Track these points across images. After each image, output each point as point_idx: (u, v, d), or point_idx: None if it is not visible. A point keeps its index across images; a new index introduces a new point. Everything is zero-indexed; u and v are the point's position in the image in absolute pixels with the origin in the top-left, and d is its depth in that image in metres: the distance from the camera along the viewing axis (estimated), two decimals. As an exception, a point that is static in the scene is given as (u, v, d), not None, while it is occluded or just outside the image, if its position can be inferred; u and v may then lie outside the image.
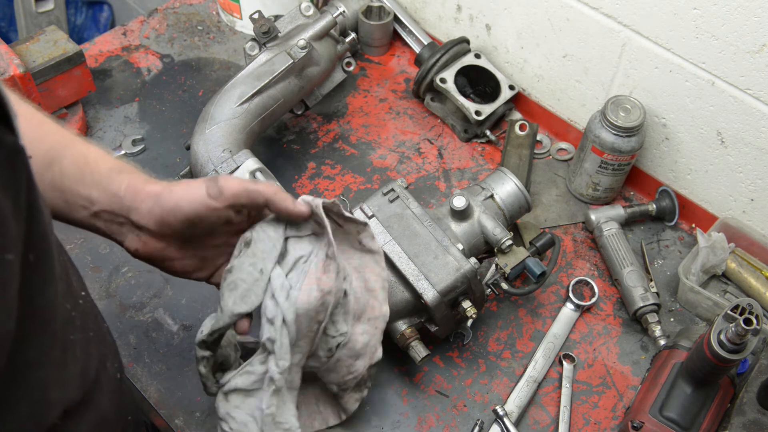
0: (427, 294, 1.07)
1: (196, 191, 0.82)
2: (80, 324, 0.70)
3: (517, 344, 1.25)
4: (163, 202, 0.82)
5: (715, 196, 1.37)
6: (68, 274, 0.71)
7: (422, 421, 1.16)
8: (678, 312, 1.31)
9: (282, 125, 1.55)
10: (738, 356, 0.99)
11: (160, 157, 1.47)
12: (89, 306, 0.76)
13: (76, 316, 0.69)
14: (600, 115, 1.34)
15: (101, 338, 0.77)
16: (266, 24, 1.35)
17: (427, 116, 1.59)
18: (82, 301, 0.72)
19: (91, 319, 0.75)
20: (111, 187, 0.83)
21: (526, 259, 1.17)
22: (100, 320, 0.80)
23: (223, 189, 0.82)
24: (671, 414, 1.08)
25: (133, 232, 0.85)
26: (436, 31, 1.69)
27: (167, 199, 0.82)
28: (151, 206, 0.82)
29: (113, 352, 0.81)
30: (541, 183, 1.49)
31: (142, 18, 1.75)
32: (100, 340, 0.76)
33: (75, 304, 0.70)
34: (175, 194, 0.82)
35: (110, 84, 1.60)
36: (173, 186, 0.84)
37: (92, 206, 0.83)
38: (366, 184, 1.46)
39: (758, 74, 1.17)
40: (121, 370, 0.82)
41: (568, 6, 1.37)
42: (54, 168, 0.81)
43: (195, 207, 0.82)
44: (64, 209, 0.83)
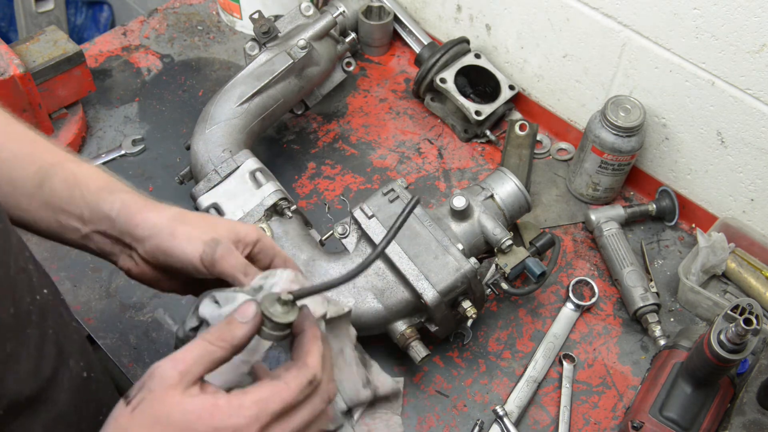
0: (427, 294, 1.07)
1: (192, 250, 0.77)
2: (37, 320, 0.70)
3: (517, 344, 1.25)
4: (160, 240, 0.79)
5: (715, 196, 1.37)
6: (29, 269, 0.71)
7: (422, 421, 1.16)
8: (678, 312, 1.31)
9: (282, 125, 1.55)
10: (738, 356, 0.99)
11: (160, 157, 1.47)
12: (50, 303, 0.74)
13: (33, 311, 0.69)
14: (600, 115, 1.34)
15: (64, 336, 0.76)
16: (266, 24, 1.35)
17: (427, 116, 1.59)
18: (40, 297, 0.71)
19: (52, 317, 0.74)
20: (102, 208, 0.80)
21: (526, 259, 1.17)
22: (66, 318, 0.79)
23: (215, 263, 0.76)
24: (671, 414, 1.08)
25: (125, 252, 0.83)
26: (436, 31, 1.69)
27: (164, 241, 0.78)
28: (147, 236, 0.79)
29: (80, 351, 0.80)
30: (541, 183, 1.49)
31: (142, 18, 1.75)
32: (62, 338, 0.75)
33: (33, 298, 0.69)
34: (173, 240, 0.78)
35: (110, 84, 1.60)
36: (175, 225, 0.79)
37: (84, 227, 0.81)
38: (366, 184, 1.46)
39: (758, 74, 1.17)
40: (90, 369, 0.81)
41: (568, 6, 1.37)
42: (45, 188, 0.79)
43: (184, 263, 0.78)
44: (57, 230, 0.81)
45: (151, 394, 0.64)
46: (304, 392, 0.67)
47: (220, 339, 0.66)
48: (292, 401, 0.66)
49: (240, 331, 0.67)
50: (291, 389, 0.66)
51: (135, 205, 0.80)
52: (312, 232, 1.24)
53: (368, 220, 1.13)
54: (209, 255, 0.76)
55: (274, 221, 1.18)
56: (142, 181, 1.43)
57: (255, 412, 0.64)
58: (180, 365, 0.65)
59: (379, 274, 1.12)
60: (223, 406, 0.64)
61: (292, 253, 1.15)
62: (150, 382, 0.65)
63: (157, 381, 0.65)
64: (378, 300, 1.11)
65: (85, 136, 1.49)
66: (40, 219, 0.80)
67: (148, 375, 0.66)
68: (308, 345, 0.70)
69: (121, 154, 1.47)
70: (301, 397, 0.67)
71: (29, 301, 0.68)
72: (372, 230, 1.12)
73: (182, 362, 0.65)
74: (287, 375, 0.67)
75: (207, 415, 0.63)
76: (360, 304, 1.11)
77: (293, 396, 0.66)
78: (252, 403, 0.64)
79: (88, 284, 1.27)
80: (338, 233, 1.16)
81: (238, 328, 0.67)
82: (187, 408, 0.64)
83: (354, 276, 0.70)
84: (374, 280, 1.12)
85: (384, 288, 1.11)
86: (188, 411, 0.63)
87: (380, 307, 1.11)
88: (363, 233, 1.14)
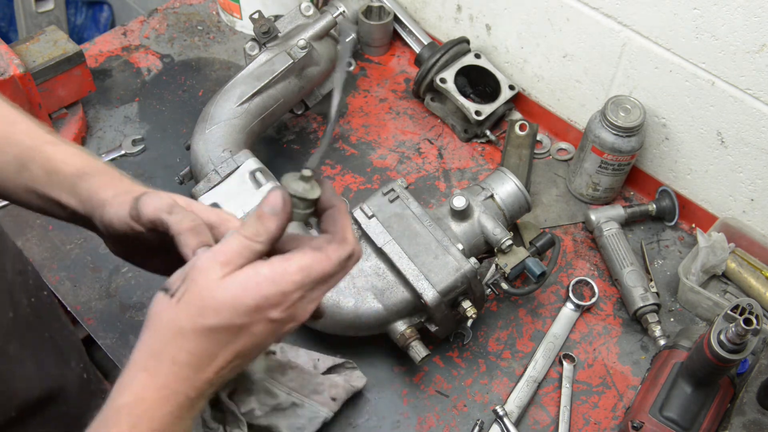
0: (427, 294, 1.07)
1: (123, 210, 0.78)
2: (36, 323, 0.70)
3: (517, 344, 1.25)
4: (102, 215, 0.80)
5: (715, 196, 1.37)
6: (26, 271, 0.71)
7: (422, 421, 1.16)
8: (678, 312, 1.31)
9: (282, 125, 1.55)
10: (738, 356, 0.99)
11: (160, 157, 1.47)
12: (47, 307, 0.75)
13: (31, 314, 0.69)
14: (600, 115, 1.34)
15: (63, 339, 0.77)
16: (266, 24, 1.35)
17: (427, 116, 1.59)
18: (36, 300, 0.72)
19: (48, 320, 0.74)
20: (76, 193, 0.81)
21: (526, 259, 1.17)
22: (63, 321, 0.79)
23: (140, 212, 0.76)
24: (671, 414, 1.08)
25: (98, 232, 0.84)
26: (436, 31, 1.69)
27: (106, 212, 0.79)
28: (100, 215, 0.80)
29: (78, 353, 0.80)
30: (541, 183, 1.49)
31: (142, 18, 1.75)
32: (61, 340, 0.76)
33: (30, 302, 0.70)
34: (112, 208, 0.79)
35: (110, 84, 1.60)
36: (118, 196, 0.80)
37: (65, 209, 0.82)
38: (366, 184, 1.46)
39: (758, 74, 1.17)
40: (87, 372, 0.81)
41: (568, 6, 1.37)
42: (24, 173, 0.81)
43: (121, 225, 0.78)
44: (44, 209, 0.83)
45: (195, 282, 0.65)
46: (342, 265, 0.70)
47: (256, 235, 0.67)
48: (332, 272, 0.69)
49: (273, 224, 0.68)
50: (332, 261, 0.68)
51: (97, 185, 0.81)
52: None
53: (368, 220, 1.13)
54: (134, 209, 0.76)
55: (274, 221, 1.18)
56: (142, 181, 1.40)
57: (300, 278, 0.66)
58: (221, 257, 0.66)
59: (379, 274, 1.12)
60: (268, 274, 0.65)
61: (292, 253, 1.15)
62: (192, 272, 0.66)
63: (199, 270, 0.66)
64: (378, 300, 1.11)
65: (85, 136, 1.49)
66: (25, 200, 0.82)
67: (190, 266, 0.67)
68: (342, 219, 0.71)
69: (121, 154, 1.47)
70: (338, 269, 0.70)
71: (27, 303, 0.69)
72: (372, 230, 1.12)
73: (223, 254, 0.66)
74: (329, 248, 0.69)
75: (253, 285, 0.65)
76: (360, 304, 1.11)
77: (333, 268, 0.69)
78: (296, 270, 0.66)
79: (88, 284, 1.27)
80: (338, 233, 1.16)
81: (271, 221, 0.68)
82: (231, 285, 0.65)
83: None
84: (374, 280, 1.12)
85: (384, 288, 1.11)
86: (234, 287, 0.65)
87: (380, 307, 1.11)
88: (363, 233, 1.14)
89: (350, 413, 1.16)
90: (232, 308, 0.64)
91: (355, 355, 1.21)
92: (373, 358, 1.22)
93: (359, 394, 1.17)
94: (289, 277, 0.66)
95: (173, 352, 0.64)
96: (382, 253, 1.11)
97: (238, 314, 0.64)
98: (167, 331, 0.64)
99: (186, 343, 0.64)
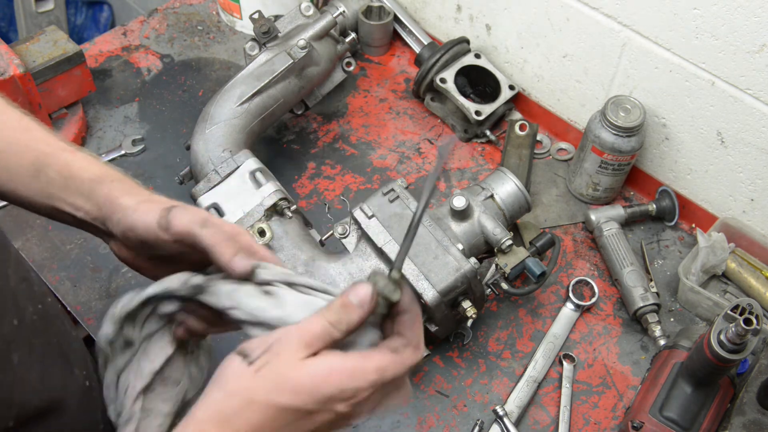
0: (427, 294, 1.07)
1: (150, 217, 0.79)
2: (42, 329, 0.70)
3: (517, 344, 1.25)
4: (125, 219, 0.80)
5: (715, 196, 1.37)
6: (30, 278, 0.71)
7: (422, 421, 1.16)
8: (678, 312, 1.31)
9: (282, 125, 1.55)
10: (738, 356, 0.99)
11: (160, 157, 1.47)
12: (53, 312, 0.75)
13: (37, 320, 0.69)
14: (600, 115, 1.34)
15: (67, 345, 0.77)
16: (266, 24, 1.35)
17: (427, 116, 1.59)
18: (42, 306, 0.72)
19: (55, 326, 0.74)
20: (93, 197, 0.82)
21: (526, 259, 1.17)
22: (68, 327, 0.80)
23: (170, 223, 0.77)
24: (671, 414, 1.08)
25: (112, 238, 0.85)
26: (436, 31, 1.69)
27: (129, 216, 0.80)
28: (119, 219, 0.81)
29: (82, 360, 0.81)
30: (541, 183, 1.49)
31: (142, 18, 1.75)
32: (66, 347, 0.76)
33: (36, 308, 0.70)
34: (135, 213, 0.80)
35: (110, 84, 1.60)
36: (141, 203, 0.81)
37: (77, 213, 0.83)
38: (366, 184, 1.46)
39: (758, 74, 1.17)
40: (90, 379, 0.81)
41: (568, 6, 1.37)
42: (41, 177, 0.82)
43: (146, 232, 0.79)
44: (56, 215, 0.84)
45: (278, 357, 0.66)
46: (411, 370, 0.71)
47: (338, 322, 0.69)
48: (403, 376, 0.71)
49: (356, 316, 0.69)
50: (405, 365, 0.70)
51: (118, 191, 0.82)
52: (312, 232, 1.24)
53: (368, 220, 1.13)
54: (164, 218, 0.77)
55: (274, 221, 1.18)
56: (142, 181, 1.41)
57: (375, 378, 0.67)
58: (306, 336, 0.67)
59: (379, 274, 1.12)
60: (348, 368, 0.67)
61: (292, 253, 1.15)
62: (277, 346, 0.66)
63: (285, 345, 0.66)
64: (378, 300, 1.11)
65: (85, 136, 1.49)
66: (37, 204, 0.83)
67: (275, 339, 0.67)
68: (418, 327, 0.73)
69: (121, 154, 1.47)
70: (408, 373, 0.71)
71: (32, 311, 0.69)
72: (372, 230, 1.12)
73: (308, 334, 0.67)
74: (405, 351, 0.71)
75: (334, 378, 0.66)
76: (360, 304, 1.11)
77: (404, 372, 0.70)
78: (374, 370, 0.67)
79: (88, 284, 1.27)
80: (338, 233, 1.16)
81: (355, 313, 0.69)
82: (313, 371, 0.66)
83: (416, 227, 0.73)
84: (374, 280, 1.12)
85: (384, 288, 1.11)
86: (314, 373, 0.66)
87: (380, 307, 1.11)
88: (363, 233, 1.14)
89: (350, 413, 1.16)
90: (309, 394, 0.65)
91: (355, 355, 1.21)
92: (373, 358, 1.22)
93: (359, 394, 1.17)
94: (367, 376, 0.67)
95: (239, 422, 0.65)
96: (382, 253, 1.11)
97: (312, 401, 0.66)
98: (240, 399, 0.65)
99: (253, 416, 0.64)
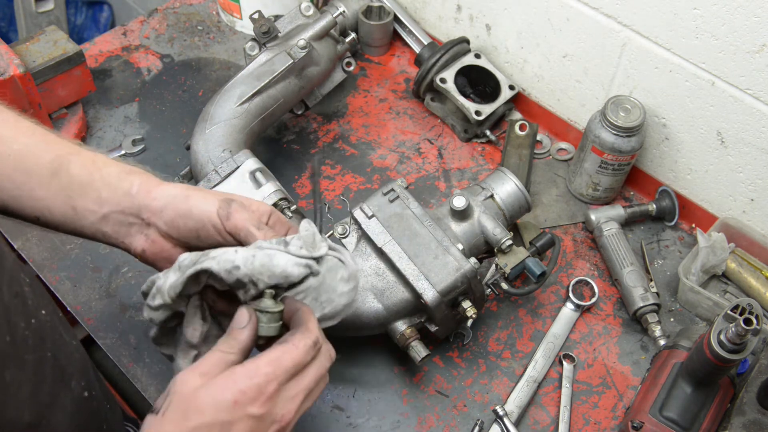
0: (427, 294, 1.07)
1: (209, 206, 0.81)
2: (34, 344, 0.70)
3: (517, 344, 1.25)
4: (177, 205, 0.82)
5: (715, 196, 1.37)
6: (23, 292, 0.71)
7: (422, 421, 1.16)
8: (678, 312, 1.31)
9: (282, 125, 1.55)
10: (738, 356, 0.99)
11: (160, 157, 1.47)
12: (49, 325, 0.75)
13: (29, 336, 0.69)
14: (600, 115, 1.34)
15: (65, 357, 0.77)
16: (266, 24, 1.35)
17: (427, 116, 1.59)
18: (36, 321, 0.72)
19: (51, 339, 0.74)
20: (122, 186, 0.83)
21: (526, 259, 1.17)
22: (66, 338, 0.79)
23: (230, 215, 0.80)
24: (671, 414, 1.08)
25: (142, 231, 0.85)
26: (436, 31, 1.69)
27: (181, 203, 0.82)
28: (164, 205, 0.82)
29: (81, 371, 0.81)
30: (541, 183, 1.49)
31: (142, 18, 1.75)
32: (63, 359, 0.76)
33: (29, 323, 0.70)
34: (190, 200, 0.82)
35: (110, 84, 1.60)
36: (190, 191, 0.83)
37: (101, 208, 0.83)
38: (366, 184, 1.46)
39: (758, 74, 1.17)
40: (90, 388, 0.81)
41: (568, 6, 1.37)
42: (61, 174, 0.82)
43: (203, 220, 0.81)
44: (72, 217, 0.83)
45: (176, 394, 0.69)
46: (310, 353, 0.74)
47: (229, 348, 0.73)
48: (302, 360, 0.73)
49: (243, 336, 0.74)
50: (299, 349, 0.73)
51: (152, 181, 0.85)
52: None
53: (368, 220, 1.13)
54: (225, 209, 0.81)
55: (274, 221, 1.18)
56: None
57: (271, 369, 0.71)
58: (199, 368, 0.71)
59: (379, 274, 1.12)
60: (241, 372, 0.70)
61: (292, 253, 1.15)
62: (174, 387, 0.70)
63: (180, 385, 0.70)
64: (378, 300, 1.11)
65: (85, 136, 1.49)
66: (54, 207, 0.83)
67: (171, 383, 0.71)
68: (305, 315, 0.76)
69: (121, 154, 1.47)
70: (308, 357, 0.74)
71: (24, 326, 0.69)
72: (372, 230, 1.12)
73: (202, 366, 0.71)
74: (293, 338, 0.74)
75: (231, 384, 0.69)
76: (360, 304, 1.11)
77: (301, 355, 0.73)
78: (266, 363, 0.71)
79: (88, 284, 1.27)
80: (338, 233, 1.16)
81: (240, 334, 0.74)
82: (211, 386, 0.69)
83: None
84: (374, 280, 1.12)
85: (384, 288, 1.11)
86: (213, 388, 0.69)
87: (380, 307, 1.11)
88: (363, 233, 1.14)
89: (350, 413, 1.16)
90: (213, 405, 0.68)
91: (355, 355, 1.21)
92: (373, 358, 1.22)
93: (359, 395, 1.17)
94: (261, 370, 0.70)
95: None
96: (382, 253, 1.11)
97: (219, 410, 0.68)
98: None
99: None
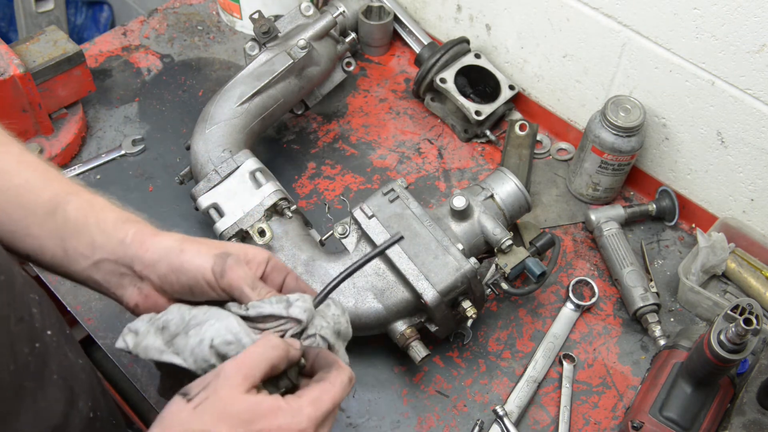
0: (427, 294, 1.07)
1: (203, 261, 0.78)
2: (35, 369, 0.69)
3: (517, 344, 1.25)
4: (170, 259, 0.79)
5: (715, 196, 1.37)
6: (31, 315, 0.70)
7: (422, 421, 1.16)
8: (678, 312, 1.31)
9: (282, 125, 1.55)
10: (738, 356, 0.99)
11: (160, 157, 1.47)
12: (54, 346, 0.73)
13: (31, 362, 0.68)
14: (600, 115, 1.34)
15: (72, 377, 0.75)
16: (266, 24, 1.35)
17: (427, 116, 1.59)
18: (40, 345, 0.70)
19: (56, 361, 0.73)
20: (117, 234, 0.80)
21: (526, 259, 1.17)
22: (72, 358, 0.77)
23: (225, 273, 0.78)
24: (671, 414, 1.08)
25: (134, 284, 0.81)
26: (436, 31, 1.69)
27: (175, 258, 0.79)
28: (158, 259, 0.79)
29: (87, 390, 0.79)
30: (541, 183, 1.49)
31: (142, 18, 1.75)
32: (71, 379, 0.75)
33: (32, 348, 0.69)
34: (183, 255, 0.79)
35: (110, 84, 1.60)
36: (184, 244, 0.80)
37: (93, 254, 0.80)
38: (366, 184, 1.46)
39: (758, 74, 1.17)
40: (95, 408, 0.79)
41: (568, 6, 1.37)
42: (57, 214, 0.79)
43: (197, 277, 0.78)
44: (63, 260, 0.80)
45: (216, 393, 0.68)
46: (346, 390, 0.74)
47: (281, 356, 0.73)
48: (340, 398, 0.73)
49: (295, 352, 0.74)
50: (336, 388, 0.73)
51: (147, 231, 0.81)
52: (312, 232, 1.24)
53: (368, 220, 1.13)
54: (220, 266, 0.78)
55: (274, 221, 1.18)
56: (142, 181, 1.43)
57: (312, 411, 0.70)
58: (244, 368, 0.69)
59: (379, 274, 1.12)
60: (285, 408, 0.69)
61: (292, 253, 1.15)
62: (215, 382, 0.69)
63: (222, 381, 0.68)
64: (378, 300, 1.11)
65: (85, 136, 1.49)
66: (46, 247, 0.80)
67: (213, 375, 0.70)
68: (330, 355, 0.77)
69: (121, 154, 1.47)
70: (345, 394, 0.74)
71: (27, 352, 0.67)
72: (372, 230, 1.12)
73: (246, 366, 0.70)
74: (330, 376, 0.74)
75: (272, 415, 0.68)
76: (360, 304, 1.11)
77: (340, 394, 0.73)
78: (308, 404, 0.71)
79: (88, 284, 1.27)
80: (338, 233, 1.16)
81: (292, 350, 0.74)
82: (253, 406, 0.68)
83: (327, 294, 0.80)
84: (374, 280, 1.12)
85: (384, 288, 1.11)
86: (253, 409, 0.68)
87: (380, 307, 1.11)
88: (363, 233, 1.14)
89: (350, 413, 1.16)
90: (247, 423, 0.67)
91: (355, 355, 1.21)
92: (373, 358, 1.22)
93: (359, 395, 1.17)
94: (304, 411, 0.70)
95: None
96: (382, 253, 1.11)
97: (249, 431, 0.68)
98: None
99: None
